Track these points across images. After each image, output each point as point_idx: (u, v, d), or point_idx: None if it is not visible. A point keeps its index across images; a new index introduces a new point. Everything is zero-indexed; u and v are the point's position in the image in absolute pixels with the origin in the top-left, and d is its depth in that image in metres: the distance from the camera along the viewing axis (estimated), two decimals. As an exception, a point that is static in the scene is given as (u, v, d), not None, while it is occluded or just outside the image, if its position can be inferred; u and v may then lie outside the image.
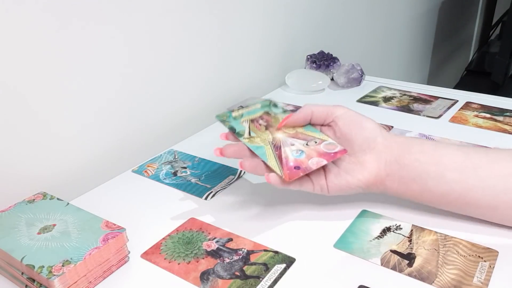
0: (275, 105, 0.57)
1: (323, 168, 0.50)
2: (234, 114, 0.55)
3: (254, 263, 0.47)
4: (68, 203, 0.51)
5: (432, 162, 0.48)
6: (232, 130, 0.53)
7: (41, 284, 0.43)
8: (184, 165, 0.66)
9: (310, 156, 0.49)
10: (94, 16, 0.59)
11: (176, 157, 0.69)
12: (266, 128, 0.54)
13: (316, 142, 0.51)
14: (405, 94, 0.89)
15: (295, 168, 0.48)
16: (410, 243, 0.49)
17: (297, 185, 0.49)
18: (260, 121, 0.55)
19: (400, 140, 0.51)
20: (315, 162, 0.48)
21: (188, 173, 0.64)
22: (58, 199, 0.52)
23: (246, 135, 0.52)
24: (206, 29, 0.78)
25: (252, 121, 0.54)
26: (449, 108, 0.82)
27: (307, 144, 0.51)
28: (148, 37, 0.68)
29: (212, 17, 0.78)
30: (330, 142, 0.51)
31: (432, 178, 0.48)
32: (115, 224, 0.47)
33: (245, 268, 0.46)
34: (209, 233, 0.51)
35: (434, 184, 0.48)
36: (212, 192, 0.59)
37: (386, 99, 0.87)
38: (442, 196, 0.48)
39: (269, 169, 0.49)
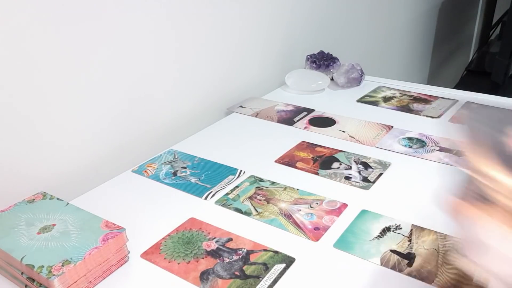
0: (261, 179, 0.61)
1: None
2: (230, 196, 0.58)
3: (254, 263, 0.47)
4: (68, 203, 0.51)
5: None
6: (239, 211, 0.55)
7: (40, 284, 0.43)
8: (184, 165, 0.66)
9: (320, 216, 0.54)
10: (100, 18, 0.59)
11: (176, 157, 0.69)
12: (267, 201, 0.57)
13: (318, 203, 0.56)
14: (405, 94, 0.89)
15: (315, 229, 0.52)
16: (410, 243, 0.49)
17: None
18: (258, 197, 0.57)
19: None
20: (328, 220, 0.53)
21: (188, 173, 0.64)
22: (58, 199, 0.52)
23: (254, 212, 0.55)
24: (206, 30, 0.78)
25: (250, 198, 0.57)
26: (449, 108, 0.82)
27: (311, 207, 0.55)
28: (149, 40, 0.68)
29: (212, 18, 0.78)
30: (330, 200, 0.56)
31: None
32: (114, 224, 0.47)
33: (244, 268, 0.46)
34: (209, 233, 0.51)
35: None
36: (212, 192, 0.59)
37: (386, 99, 0.87)
38: None
39: None
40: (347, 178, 0.61)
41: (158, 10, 0.68)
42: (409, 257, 0.47)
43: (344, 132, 0.74)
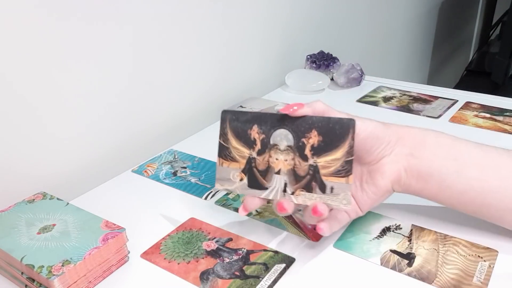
0: None
1: None
2: (230, 196, 0.58)
3: (254, 263, 0.47)
4: (68, 203, 0.51)
5: (450, 157, 0.46)
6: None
7: (40, 284, 0.43)
8: (184, 165, 0.66)
9: None
10: (97, 17, 0.59)
11: (176, 157, 0.69)
12: (267, 201, 0.55)
13: None
14: (405, 94, 0.89)
15: (315, 229, 0.51)
16: (410, 243, 0.49)
17: (338, 225, 0.47)
18: None
19: (413, 131, 0.48)
20: None
21: (188, 173, 0.64)
22: (58, 199, 0.52)
23: (254, 212, 0.55)
24: (206, 29, 0.78)
25: None
26: (449, 108, 0.82)
27: None
28: (148, 38, 0.68)
29: (212, 17, 0.78)
30: None
31: (451, 174, 0.45)
32: (115, 224, 0.47)
33: (244, 268, 0.46)
34: (209, 233, 0.51)
35: (452, 180, 0.45)
36: (212, 192, 0.59)
37: (386, 99, 0.87)
38: (461, 194, 0.46)
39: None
40: (347, 178, 0.61)
41: (157, 9, 0.68)
42: (409, 257, 0.47)
43: (344, 132, 0.74)
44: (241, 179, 0.47)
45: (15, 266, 0.44)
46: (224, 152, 0.48)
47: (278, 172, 0.46)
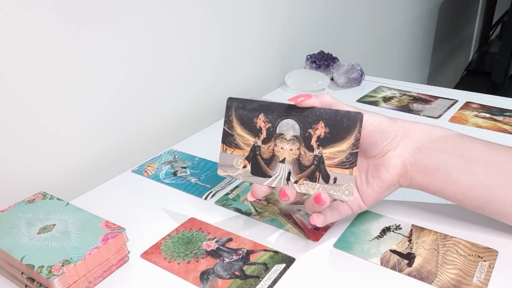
0: None
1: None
2: (230, 196, 0.59)
3: (254, 263, 0.47)
4: (68, 203, 0.51)
5: (456, 153, 0.46)
6: (239, 211, 0.55)
7: (41, 284, 0.43)
8: (184, 165, 0.66)
9: None
10: (95, 18, 0.59)
11: (176, 157, 0.69)
12: (267, 201, 0.57)
13: None
14: (405, 94, 0.89)
15: (315, 229, 0.52)
16: (410, 243, 0.49)
17: (337, 216, 0.48)
18: None
19: (419, 126, 0.49)
20: None
21: (188, 173, 0.64)
22: (58, 199, 0.52)
23: (254, 212, 0.55)
24: (206, 29, 0.78)
25: None
26: (449, 108, 0.82)
27: None
28: (147, 38, 0.68)
29: (211, 17, 0.78)
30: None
31: (457, 169, 0.46)
32: (115, 224, 0.47)
33: (244, 268, 0.46)
34: (209, 233, 0.51)
35: (459, 175, 0.46)
36: (212, 192, 0.59)
37: (386, 99, 0.87)
38: (467, 189, 0.46)
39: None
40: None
41: (155, 10, 0.68)
42: (409, 257, 0.47)
43: (344, 132, 0.74)
44: (244, 166, 0.48)
45: (15, 266, 0.44)
46: (228, 139, 0.49)
47: (283, 161, 0.47)
